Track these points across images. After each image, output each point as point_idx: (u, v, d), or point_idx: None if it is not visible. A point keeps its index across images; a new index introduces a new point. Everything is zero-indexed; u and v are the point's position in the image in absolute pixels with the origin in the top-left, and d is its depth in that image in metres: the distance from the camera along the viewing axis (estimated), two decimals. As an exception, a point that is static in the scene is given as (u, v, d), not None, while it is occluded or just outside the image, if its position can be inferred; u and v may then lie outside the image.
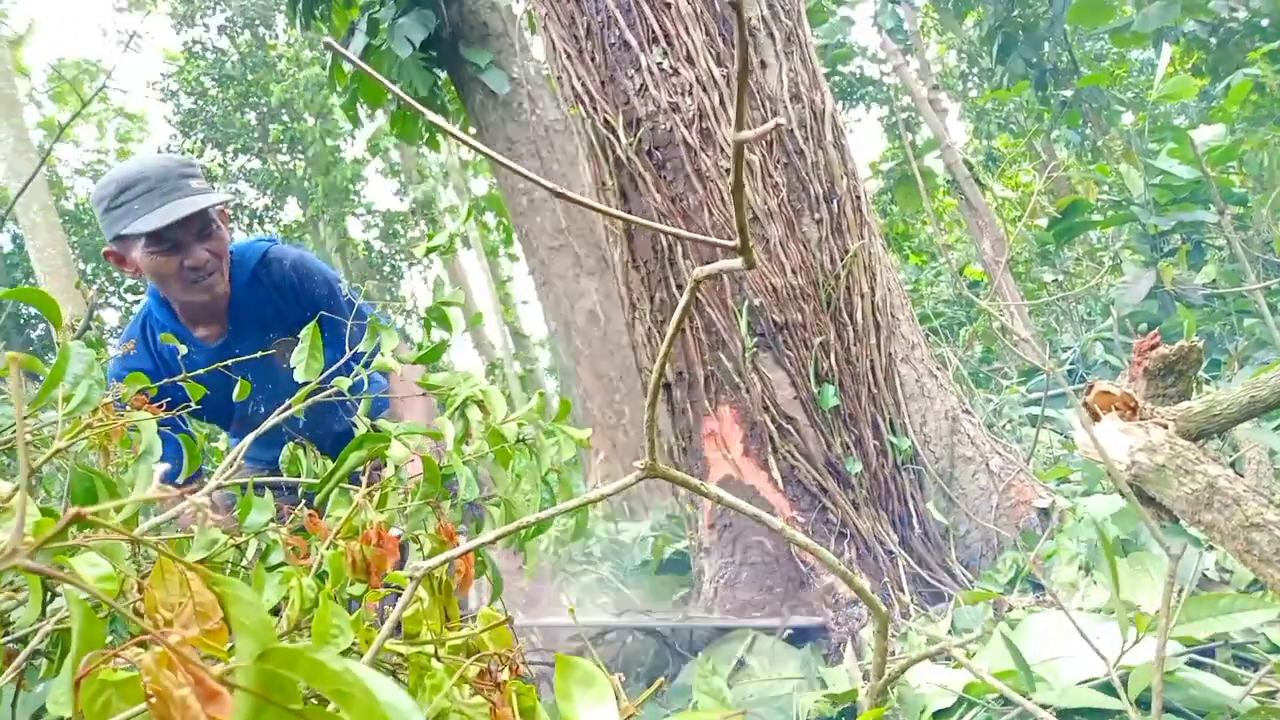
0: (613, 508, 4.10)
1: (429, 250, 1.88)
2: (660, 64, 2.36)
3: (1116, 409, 1.32)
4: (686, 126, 2.33)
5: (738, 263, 0.71)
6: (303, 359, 1.73)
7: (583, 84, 2.43)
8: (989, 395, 4.22)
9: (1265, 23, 8.42)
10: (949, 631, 2.15)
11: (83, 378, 0.77)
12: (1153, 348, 1.42)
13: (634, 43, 2.36)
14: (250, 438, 1.51)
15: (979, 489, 2.42)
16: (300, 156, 18.90)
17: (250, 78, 17.84)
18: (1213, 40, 10.01)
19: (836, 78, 13.99)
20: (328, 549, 0.93)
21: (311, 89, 17.13)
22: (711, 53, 2.34)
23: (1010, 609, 2.18)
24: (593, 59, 2.41)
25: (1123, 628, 1.39)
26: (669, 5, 2.34)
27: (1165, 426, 1.25)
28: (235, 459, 1.57)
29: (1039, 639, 1.81)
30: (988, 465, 2.43)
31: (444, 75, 7.96)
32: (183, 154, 18.85)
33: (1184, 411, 1.33)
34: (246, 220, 20.18)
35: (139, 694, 0.49)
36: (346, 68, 8.28)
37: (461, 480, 1.55)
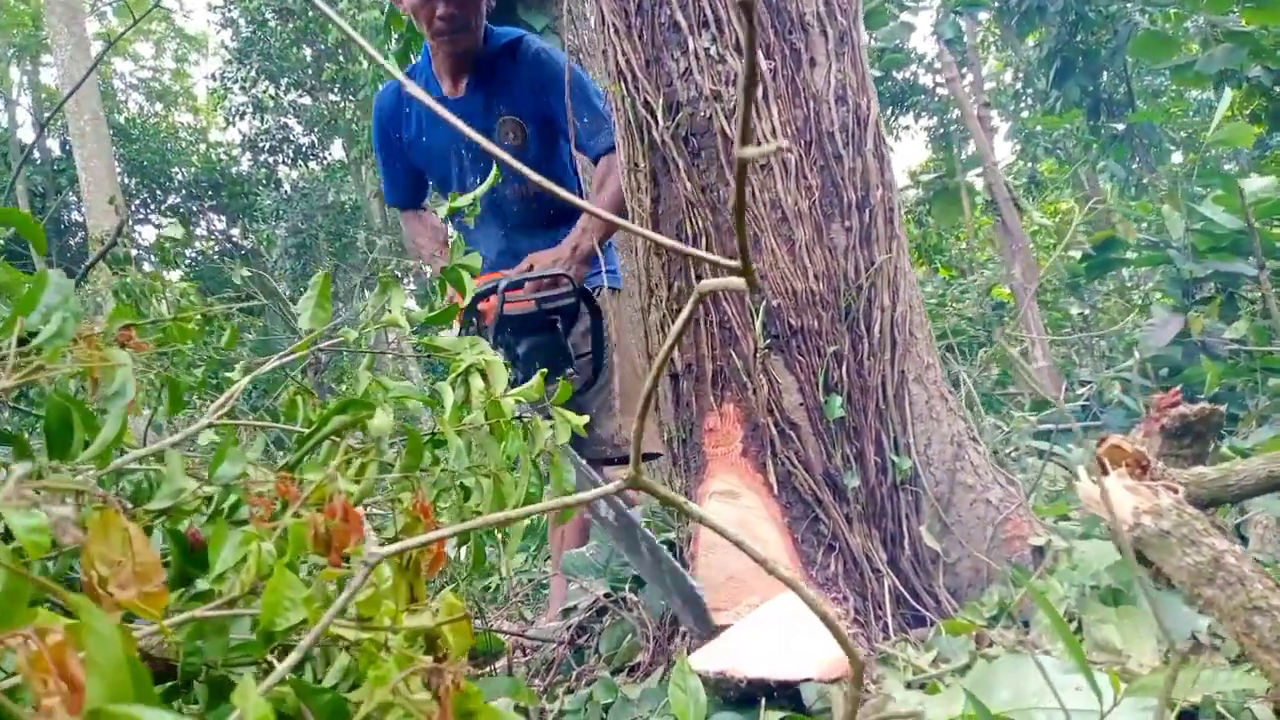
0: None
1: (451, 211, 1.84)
2: (708, 49, 2.30)
3: (1126, 465, 1.27)
4: (726, 117, 2.28)
5: (739, 282, 0.67)
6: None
7: (627, 61, 2.38)
8: (999, 422, 4.17)
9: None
10: (932, 662, 2.12)
11: (57, 309, 0.73)
12: (1173, 405, 1.37)
13: (684, 24, 2.30)
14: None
15: (976, 518, 2.37)
16: (351, 99, 18.82)
17: (310, 14, 17.73)
18: (1277, 88, 9.80)
19: (889, 83, 13.82)
20: (293, 516, 0.90)
21: (369, 33, 17.11)
22: (760, 44, 2.28)
23: (991, 644, 2.15)
24: (640, 36, 2.36)
25: (1113, 684, 1.34)
26: (723, -11, 2.28)
27: (1176, 490, 1.20)
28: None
29: (1013, 684, 1.77)
30: (988, 495, 2.38)
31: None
32: (237, 83, 18.88)
33: (1197, 476, 1.28)
34: (291, 154, 20.18)
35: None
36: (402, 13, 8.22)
37: (451, 450, 1.52)
